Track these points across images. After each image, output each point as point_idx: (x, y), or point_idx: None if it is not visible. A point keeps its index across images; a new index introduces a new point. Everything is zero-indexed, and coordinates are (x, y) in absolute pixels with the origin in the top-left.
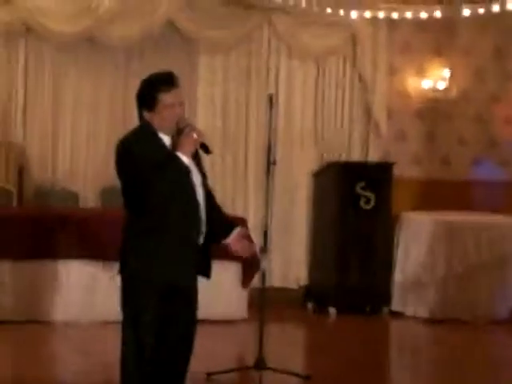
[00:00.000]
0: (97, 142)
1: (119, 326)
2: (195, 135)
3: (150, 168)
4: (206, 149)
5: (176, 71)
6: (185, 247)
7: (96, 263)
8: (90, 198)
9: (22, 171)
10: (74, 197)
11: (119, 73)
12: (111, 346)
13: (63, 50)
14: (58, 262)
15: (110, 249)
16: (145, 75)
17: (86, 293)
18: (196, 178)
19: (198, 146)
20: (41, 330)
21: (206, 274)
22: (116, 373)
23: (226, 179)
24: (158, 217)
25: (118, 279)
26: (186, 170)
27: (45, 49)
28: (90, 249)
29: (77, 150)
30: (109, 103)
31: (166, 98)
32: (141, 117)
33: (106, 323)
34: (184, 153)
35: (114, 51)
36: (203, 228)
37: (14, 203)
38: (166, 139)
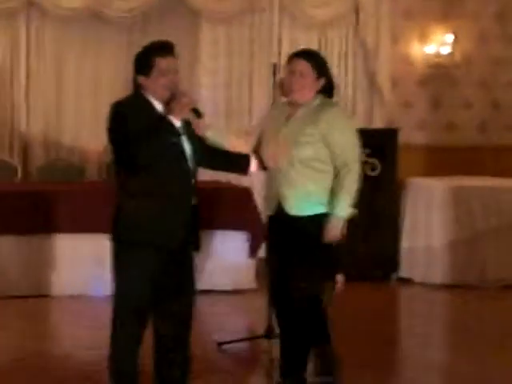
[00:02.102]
0: (100, 116)
1: None
2: (186, 100)
3: (140, 129)
4: (197, 113)
5: (179, 43)
6: (175, 210)
7: (102, 236)
8: (94, 173)
9: (26, 147)
10: (79, 171)
11: (122, 46)
12: None
13: (65, 23)
14: (64, 236)
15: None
16: None
17: (94, 266)
18: (187, 144)
19: (190, 111)
20: (48, 304)
21: (196, 246)
22: None
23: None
24: (148, 179)
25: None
26: (176, 133)
27: (46, 23)
28: (95, 222)
29: (81, 124)
30: (112, 77)
31: (161, 63)
32: (135, 84)
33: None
34: (175, 117)
35: (116, 24)
36: (194, 194)
37: (19, 179)
38: (159, 106)
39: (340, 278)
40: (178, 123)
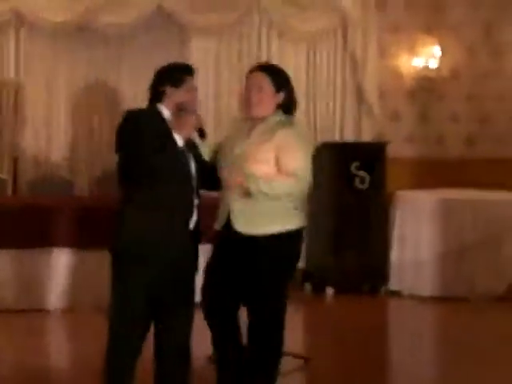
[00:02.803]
0: (91, 129)
1: None
2: (194, 119)
3: (147, 143)
4: (202, 133)
5: (168, 56)
6: (178, 226)
7: (94, 251)
8: (84, 187)
9: (16, 161)
10: (69, 185)
11: (111, 60)
12: None
13: (54, 39)
14: (54, 251)
15: (104, 237)
16: (137, 62)
17: (80, 280)
18: (192, 163)
19: (196, 130)
20: (45, 318)
21: (194, 263)
22: None
23: None
24: (150, 193)
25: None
26: (180, 152)
27: (36, 38)
28: (85, 237)
29: (71, 138)
30: (102, 91)
31: (190, 80)
32: (155, 93)
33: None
34: (181, 134)
35: (105, 39)
36: (194, 214)
37: (9, 193)
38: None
39: (328, 290)
40: (180, 142)
